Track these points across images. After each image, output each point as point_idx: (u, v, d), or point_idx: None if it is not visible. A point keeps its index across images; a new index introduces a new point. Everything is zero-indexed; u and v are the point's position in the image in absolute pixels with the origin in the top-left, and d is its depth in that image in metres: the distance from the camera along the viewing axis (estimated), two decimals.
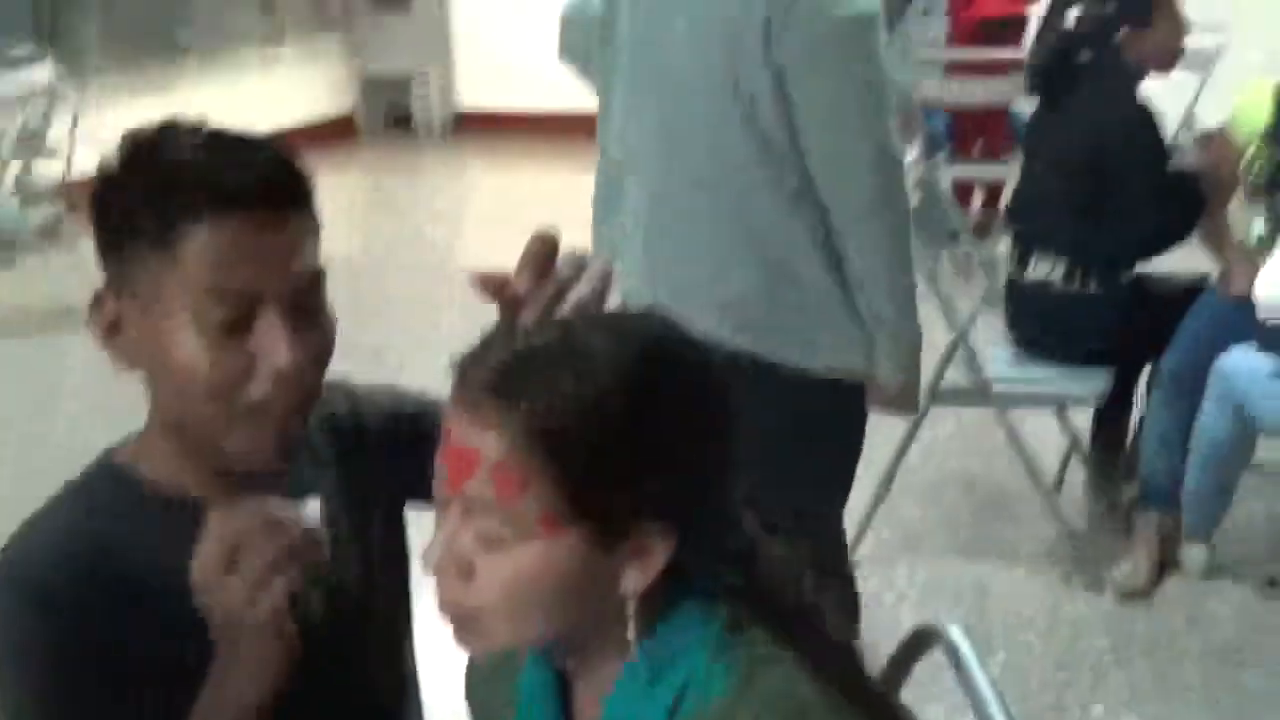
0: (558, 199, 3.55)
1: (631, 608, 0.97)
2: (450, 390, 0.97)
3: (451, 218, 7.61)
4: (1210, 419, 3.16)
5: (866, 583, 3.04)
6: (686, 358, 0.98)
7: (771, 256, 2.02)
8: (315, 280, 1.17)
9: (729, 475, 1.00)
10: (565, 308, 1.01)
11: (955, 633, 1.27)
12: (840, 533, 2.39)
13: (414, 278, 6.01)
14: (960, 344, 3.32)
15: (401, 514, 1.41)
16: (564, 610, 0.96)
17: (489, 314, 1.04)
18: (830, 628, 1.04)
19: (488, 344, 0.97)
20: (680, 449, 0.95)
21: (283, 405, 1.15)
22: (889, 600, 3.25)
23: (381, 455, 1.37)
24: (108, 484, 1.22)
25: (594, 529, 0.93)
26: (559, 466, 0.91)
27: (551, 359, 0.93)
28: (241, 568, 1.06)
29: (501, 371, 0.93)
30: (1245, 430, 3.14)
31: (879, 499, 3.39)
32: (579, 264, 1.04)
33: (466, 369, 0.96)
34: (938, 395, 3.39)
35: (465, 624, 0.98)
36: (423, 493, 1.37)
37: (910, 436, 3.40)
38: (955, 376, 3.37)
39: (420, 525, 1.35)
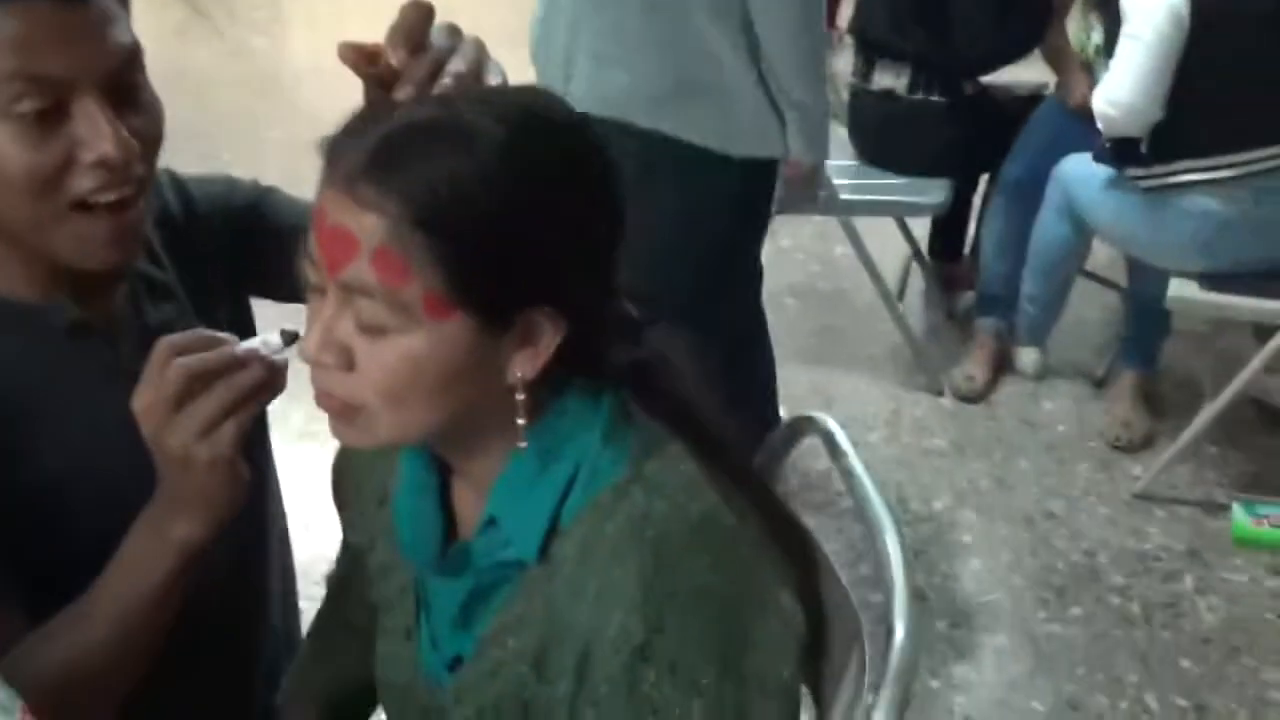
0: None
1: (520, 395, 0.94)
2: (322, 171, 0.91)
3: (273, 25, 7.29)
4: (1047, 225, 3.24)
5: None
6: (570, 133, 0.93)
7: (695, 48, 2.19)
8: (131, 59, 1.09)
9: (617, 260, 0.97)
10: (442, 82, 0.95)
11: (830, 421, 1.28)
12: (759, 310, 2.70)
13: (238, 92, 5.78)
14: None
15: (248, 311, 1.36)
16: (450, 399, 0.92)
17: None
18: (714, 422, 1.04)
19: (360, 122, 0.91)
20: (568, 229, 0.91)
21: (114, 197, 1.08)
22: None
23: (220, 248, 1.31)
24: None
25: (481, 313, 0.89)
26: (443, 248, 0.87)
27: (431, 136, 0.88)
28: (196, 406, 0.98)
29: (379, 150, 0.87)
30: (1080, 236, 3.22)
31: None
32: (455, 34, 0.98)
33: (338, 148, 0.90)
34: (779, 204, 3.39)
35: (346, 416, 0.94)
36: (264, 287, 1.33)
37: None
38: None
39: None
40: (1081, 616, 2.62)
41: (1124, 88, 2.81)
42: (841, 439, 1.26)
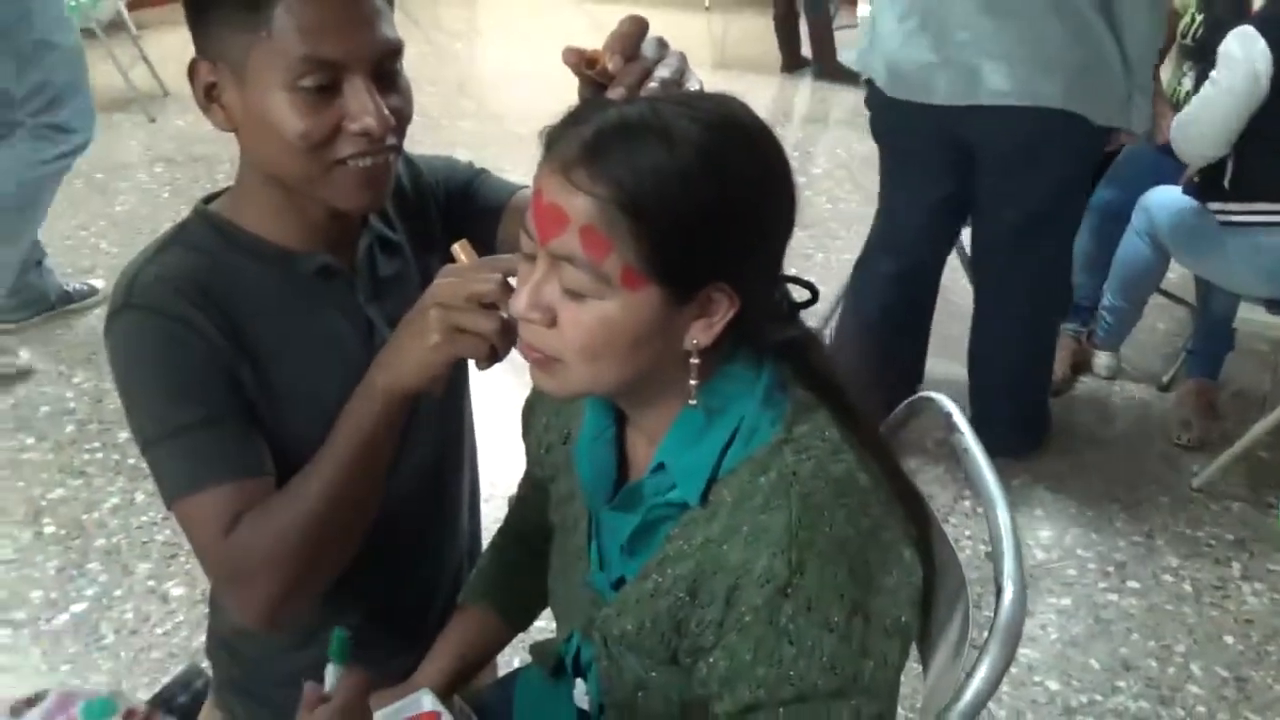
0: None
1: (694, 360, 0.93)
2: (542, 155, 0.90)
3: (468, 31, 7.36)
4: (1130, 247, 3.13)
5: None
6: (760, 138, 0.91)
7: (1089, 39, 2.42)
8: (395, 51, 1.11)
9: (783, 249, 0.96)
10: (649, 86, 0.94)
11: (948, 402, 1.25)
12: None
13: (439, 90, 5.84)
14: None
15: None
16: (635, 358, 0.91)
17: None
18: (855, 395, 1.01)
19: (578, 116, 0.90)
20: (749, 219, 0.89)
21: (370, 162, 1.10)
22: None
23: (441, 216, 1.33)
24: (208, 231, 1.17)
25: (668, 287, 0.88)
26: (641, 229, 0.86)
27: (640, 132, 0.86)
28: (475, 308, 0.99)
29: (593, 142, 0.87)
30: (1159, 258, 3.11)
31: (840, 299, 3.36)
32: (663, 46, 0.96)
33: (558, 137, 0.90)
34: None
35: (546, 366, 0.94)
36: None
37: None
38: None
39: None
40: (1139, 590, 2.54)
41: (1195, 122, 2.73)
42: (959, 418, 1.22)
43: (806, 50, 6.42)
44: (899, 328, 2.93)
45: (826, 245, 4.07)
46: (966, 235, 2.96)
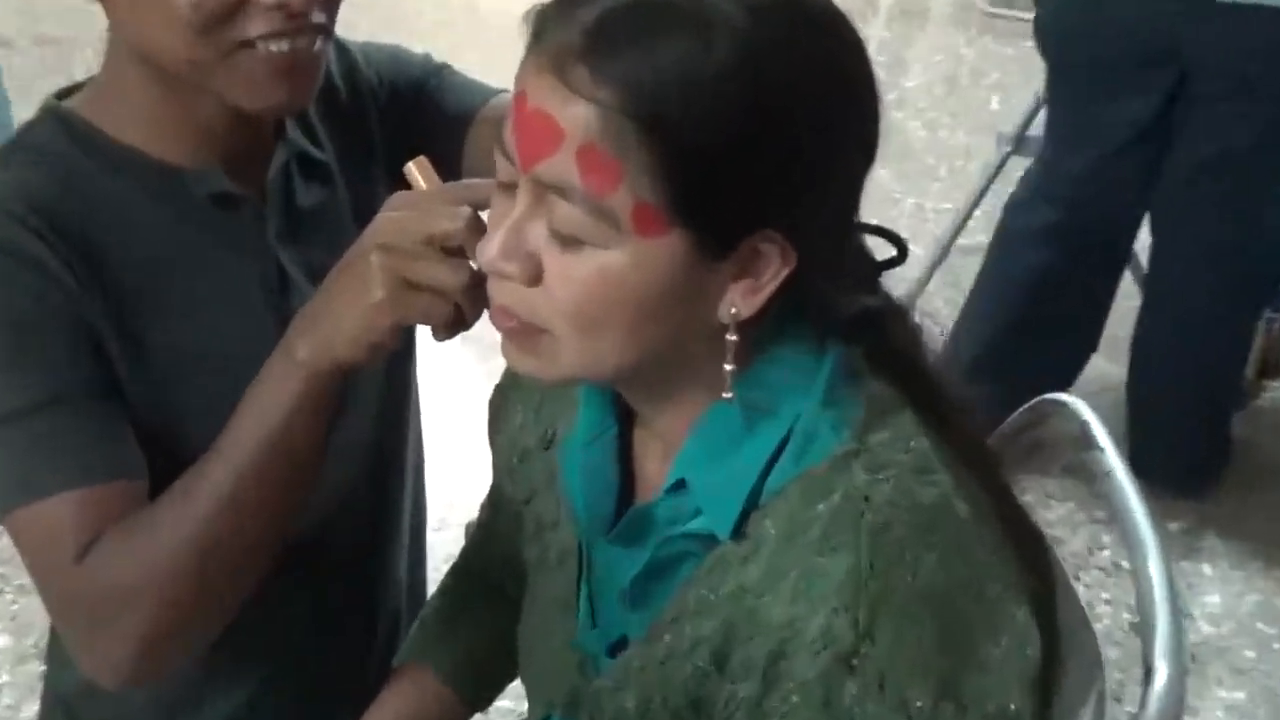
0: None
1: (732, 336, 0.93)
2: (527, 46, 0.91)
3: None
4: None
5: None
6: (829, 29, 0.91)
7: None
8: None
9: (859, 187, 0.96)
10: None
11: (1084, 406, 1.26)
12: None
13: None
14: None
15: None
16: (649, 332, 0.92)
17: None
18: (954, 394, 1.02)
19: None
20: (815, 145, 0.89)
21: (287, 46, 1.11)
22: None
23: (381, 126, 1.35)
24: (60, 138, 1.18)
25: (699, 233, 0.88)
26: (663, 152, 0.86)
27: (662, 16, 0.86)
28: (435, 247, 1.00)
29: (599, 26, 0.86)
30: None
31: (934, 267, 3.39)
32: None
33: (549, 19, 0.90)
34: None
35: (524, 339, 0.94)
36: None
37: (979, 196, 3.37)
38: None
39: None
40: None
41: None
42: (1098, 430, 1.23)
43: None
44: (1057, 315, 2.96)
45: (921, 187, 4.11)
46: None
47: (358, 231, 1.04)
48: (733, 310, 0.92)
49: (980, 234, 3.76)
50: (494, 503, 1.28)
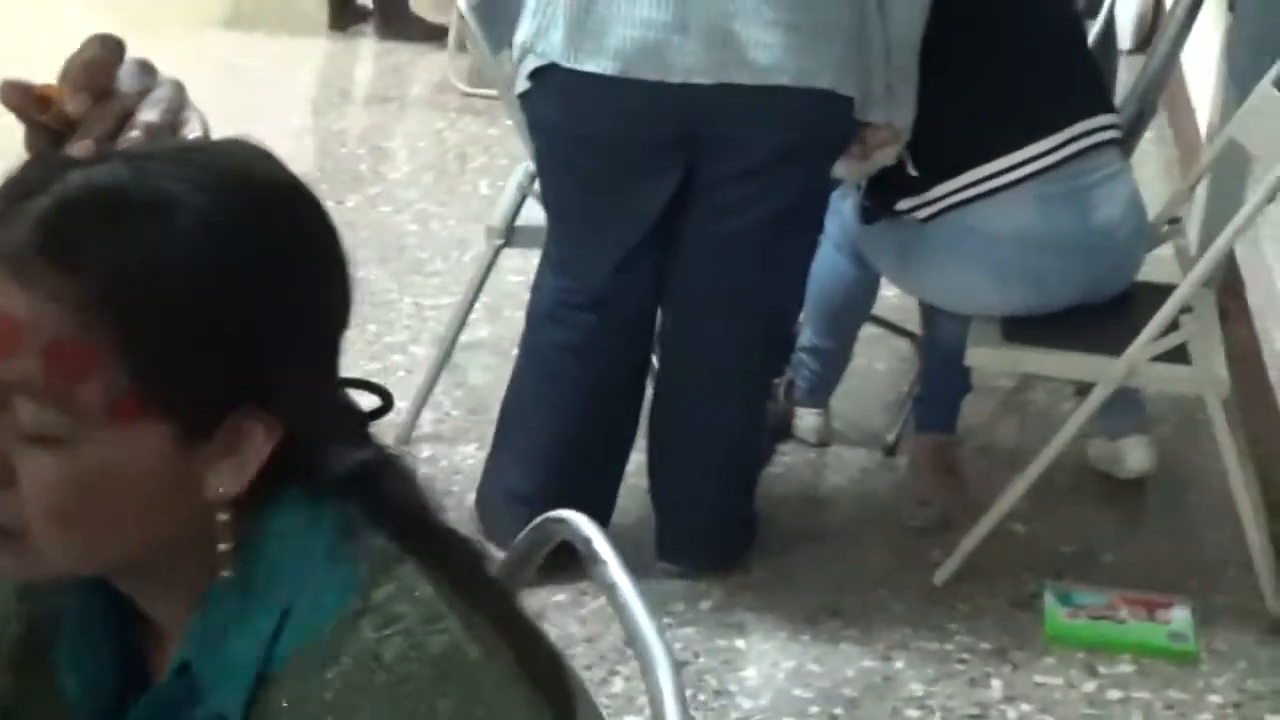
0: None
1: (223, 516, 0.97)
2: None
3: None
4: (825, 263, 3.28)
5: (436, 465, 3.16)
6: (288, 198, 0.97)
7: (855, 26, 2.73)
8: None
9: (338, 341, 1.02)
10: (129, 135, 0.98)
11: (587, 523, 1.34)
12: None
13: None
14: None
15: None
16: (137, 523, 0.95)
17: None
18: (450, 531, 1.08)
19: (23, 183, 0.91)
20: (285, 314, 0.95)
21: None
22: (459, 485, 3.23)
23: None
24: None
25: (177, 419, 0.92)
26: (132, 341, 0.89)
27: (117, 204, 0.90)
28: None
29: (55, 218, 0.89)
30: (864, 272, 3.38)
31: (439, 368, 3.50)
32: (149, 73, 1.00)
33: None
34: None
35: (4, 542, 0.94)
36: None
37: (475, 292, 3.52)
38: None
39: None
40: None
41: None
42: (601, 545, 1.31)
43: None
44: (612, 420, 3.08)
45: (417, 286, 4.13)
46: None
47: None
48: (220, 490, 0.96)
49: (482, 328, 3.89)
50: None
